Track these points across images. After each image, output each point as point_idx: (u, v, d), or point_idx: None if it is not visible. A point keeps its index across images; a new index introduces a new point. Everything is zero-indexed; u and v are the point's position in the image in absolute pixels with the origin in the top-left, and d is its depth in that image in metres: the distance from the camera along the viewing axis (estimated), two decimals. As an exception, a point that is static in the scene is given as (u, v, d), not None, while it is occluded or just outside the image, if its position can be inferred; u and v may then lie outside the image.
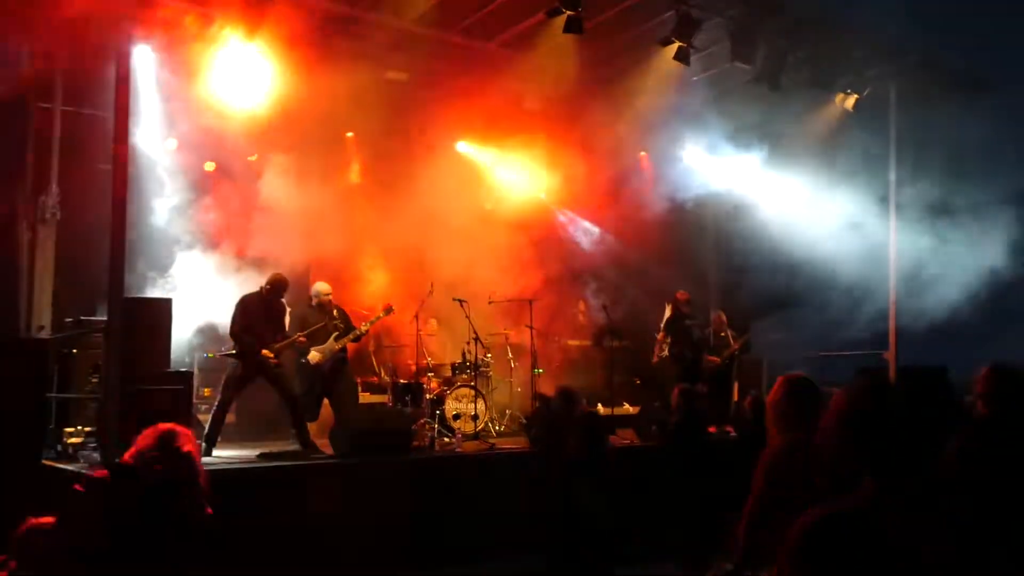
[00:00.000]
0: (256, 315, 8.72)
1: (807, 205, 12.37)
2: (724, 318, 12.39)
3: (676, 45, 10.23)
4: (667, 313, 11.93)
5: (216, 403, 8.57)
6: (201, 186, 10.51)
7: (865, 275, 12.06)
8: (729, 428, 10.34)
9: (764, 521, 3.74)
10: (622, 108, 11.24)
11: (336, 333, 9.39)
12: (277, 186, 10.49)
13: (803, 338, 13.17)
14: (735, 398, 11.83)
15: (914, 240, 11.74)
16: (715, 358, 11.96)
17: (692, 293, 12.24)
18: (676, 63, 10.35)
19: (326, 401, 9.37)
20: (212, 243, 10.30)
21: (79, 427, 8.10)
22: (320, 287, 9.50)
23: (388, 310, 10.05)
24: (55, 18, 7.21)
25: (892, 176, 11.51)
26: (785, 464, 3.69)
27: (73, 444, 7.92)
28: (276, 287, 8.91)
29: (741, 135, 12.74)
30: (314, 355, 9.22)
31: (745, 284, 13.49)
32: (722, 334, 12.22)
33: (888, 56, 11.16)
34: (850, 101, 11.40)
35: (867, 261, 12.04)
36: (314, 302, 9.43)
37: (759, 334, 14.65)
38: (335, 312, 9.51)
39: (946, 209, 11.73)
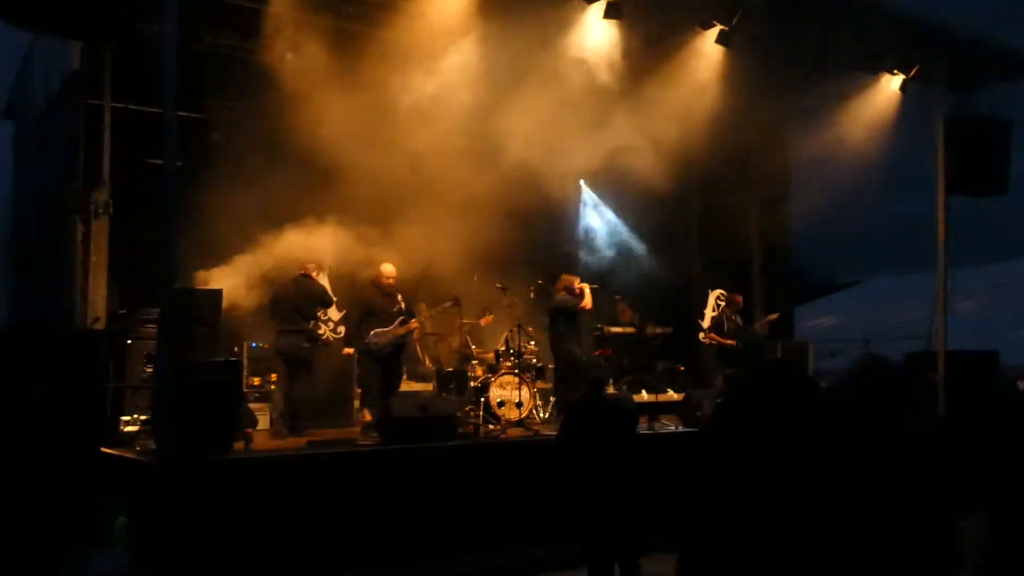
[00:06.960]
0: (285, 302, 9.11)
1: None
2: (740, 301, 12.04)
3: (718, 28, 10.07)
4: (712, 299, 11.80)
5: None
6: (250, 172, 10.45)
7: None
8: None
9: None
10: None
11: (401, 318, 9.46)
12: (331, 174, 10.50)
13: (848, 323, 12.98)
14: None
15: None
16: (730, 341, 11.60)
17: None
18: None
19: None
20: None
21: (135, 415, 8.31)
22: (385, 268, 9.50)
23: (456, 302, 9.94)
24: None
25: (940, 158, 11.15)
26: None
27: (129, 432, 8.13)
28: (305, 269, 9.31)
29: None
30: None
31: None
32: (734, 317, 11.82)
33: (936, 35, 10.85)
34: (896, 82, 11.11)
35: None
36: (378, 284, 9.48)
37: (801, 319, 14.46)
38: (399, 297, 9.58)
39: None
